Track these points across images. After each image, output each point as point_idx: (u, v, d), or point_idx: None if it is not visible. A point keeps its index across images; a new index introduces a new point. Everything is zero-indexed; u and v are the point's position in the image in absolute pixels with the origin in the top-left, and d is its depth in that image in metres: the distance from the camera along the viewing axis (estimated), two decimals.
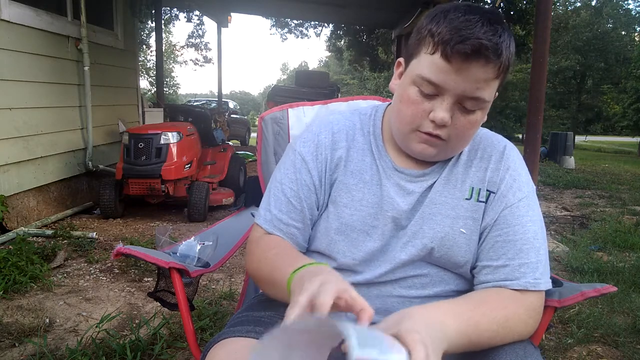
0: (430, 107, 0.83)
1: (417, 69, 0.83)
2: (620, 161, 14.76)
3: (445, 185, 0.93)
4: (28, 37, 3.83)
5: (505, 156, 0.94)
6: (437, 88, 0.81)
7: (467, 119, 0.83)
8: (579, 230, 4.43)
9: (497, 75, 0.80)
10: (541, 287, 0.86)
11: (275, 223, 0.96)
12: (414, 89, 0.84)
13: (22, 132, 3.76)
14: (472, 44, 0.75)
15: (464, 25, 0.77)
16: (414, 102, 0.84)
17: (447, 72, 0.79)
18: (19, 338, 2.04)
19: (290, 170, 0.98)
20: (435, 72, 0.80)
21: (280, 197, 0.97)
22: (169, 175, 4.18)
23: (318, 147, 0.97)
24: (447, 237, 0.91)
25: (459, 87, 0.79)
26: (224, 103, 13.85)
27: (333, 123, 1.01)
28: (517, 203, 0.90)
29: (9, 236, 3.34)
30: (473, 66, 0.77)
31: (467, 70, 0.77)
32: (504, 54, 0.78)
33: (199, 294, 2.57)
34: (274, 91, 7.67)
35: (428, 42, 0.81)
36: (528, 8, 11.49)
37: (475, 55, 0.76)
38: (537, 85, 3.60)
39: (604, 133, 37.04)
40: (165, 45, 23.10)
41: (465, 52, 0.76)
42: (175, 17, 16.12)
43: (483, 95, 0.81)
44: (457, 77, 0.78)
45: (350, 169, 0.96)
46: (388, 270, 0.92)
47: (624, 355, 2.08)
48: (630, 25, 29.22)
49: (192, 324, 1.10)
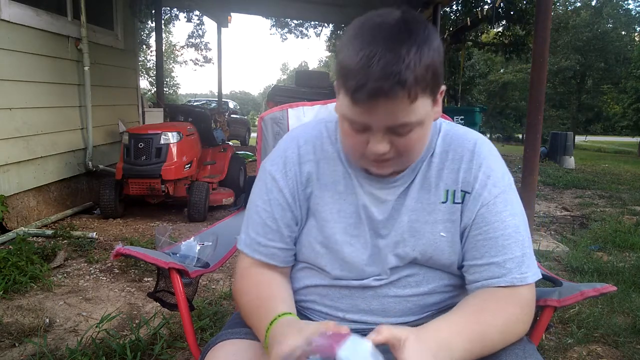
0: (366, 138, 0.82)
1: (341, 107, 0.83)
2: (620, 161, 14.76)
3: (419, 191, 0.92)
4: (28, 37, 3.83)
5: (476, 154, 0.92)
6: (362, 126, 0.80)
7: (406, 139, 0.81)
8: (579, 230, 4.42)
9: (412, 101, 0.76)
10: (529, 281, 0.86)
11: (255, 247, 0.96)
12: (346, 124, 0.83)
13: (22, 132, 3.76)
14: (369, 91, 0.74)
15: (360, 65, 0.74)
16: (350, 135, 0.83)
17: (361, 113, 0.78)
18: (19, 338, 2.04)
19: (263, 191, 0.98)
20: (352, 113, 0.79)
21: (256, 219, 0.97)
22: (169, 175, 4.18)
23: (286, 164, 0.97)
24: (429, 243, 0.91)
25: (378, 123, 0.78)
26: (224, 103, 13.86)
27: (299, 137, 1.00)
28: (493, 200, 0.89)
29: (9, 236, 3.34)
30: (381, 104, 0.75)
31: (377, 109, 0.76)
32: (409, 79, 0.73)
33: (198, 294, 2.57)
34: (273, 91, 7.66)
35: (339, 78, 0.80)
36: (528, 8, 11.50)
37: (377, 96, 0.74)
38: (537, 85, 3.59)
39: (604, 133, 37.04)
40: (165, 45, 23.10)
41: (365, 96, 0.75)
42: (175, 17, 16.13)
43: (408, 120, 0.78)
44: (371, 116, 0.78)
45: (324, 181, 0.95)
46: (379, 275, 0.93)
47: (624, 355, 2.08)
48: (630, 25, 29.23)
49: (192, 324, 1.10)
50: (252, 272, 0.96)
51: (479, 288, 0.88)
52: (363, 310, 0.94)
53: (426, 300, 0.94)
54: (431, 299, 0.94)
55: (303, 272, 0.99)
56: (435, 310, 0.96)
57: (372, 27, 0.77)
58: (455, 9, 13.32)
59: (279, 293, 0.93)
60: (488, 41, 15.70)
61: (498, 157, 0.95)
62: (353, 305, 0.94)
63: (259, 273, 0.96)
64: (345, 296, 0.95)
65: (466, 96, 18.90)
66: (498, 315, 0.82)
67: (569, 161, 10.55)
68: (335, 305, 0.96)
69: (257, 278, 0.95)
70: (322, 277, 0.97)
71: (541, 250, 3.49)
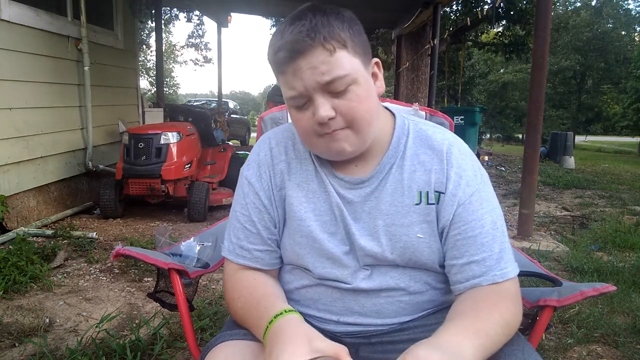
0: (311, 113, 0.85)
1: (284, 95, 0.88)
2: (620, 161, 14.77)
3: (392, 194, 0.92)
4: (28, 37, 3.83)
5: (447, 153, 0.93)
6: (301, 97, 0.84)
7: (346, 100, 0.83)
8: (579, 230, 4.42)
9: (332, 51, 0.81)
10: (509, 276, 0.87)
11: (238, 251, 0.97)
12: (293, 110, 0.88)
13: (22, 132, 3.76)
14: (286, 49, 0.81)
15: (278, 38, 0.83)
16: (299, 118, 0.87)
17: (291, 80, 0.83)
18: (19, 338, 2.04)
19: (240, 196, 0.99)
20: (287, 87, 0.85)
21: (236, 224, 0.98)
22: (169, 175, 4.18)
23: (260, 167, 0.98)
24: (406, 245, 0.91)
25: (308, 84, 0.82)
26: (224, 103, 13.85)
27: (270, 138, 1.02)
28: (469, 199, 0.90)
29: (9, 236, 3.34)
30: (301, 61, 0.81)
31: (300, 69, 0.81)
32: (320, 33, 0.80)
33: (198, 294, 2.57)
34: (273, 91, 7.65)
35: (274, 70, 0.88)
36: (528, 8, 11.50)
37: (293, 54, 0.81)
38: (537, 85, 3.59)
39: (604, 133, 37.04)
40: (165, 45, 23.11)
41: (285, 58, 0.82)
42: (175, 17, 16.13)
43: (337, 74, 0.81)
44: (300, 77, 0.82)
45: (296, 181, 0.96)
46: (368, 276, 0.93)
47: (624, 355, 2.08)
48: (630, 25, 29.24)
49: (192, 324, 1.10)
50: (241, 277, 0.96)
51: (462, 290, 0.89)
52: (357, 313, 0.94)
53: (418, 299, 0.95)
54: (423, 298, 0.95)
55: (292, 274, 0.99)
56: (431, 310, 0.96)
57: (288, 20, 0.85)
58: (455, 9, 13.31)
59: (273, 291, 0.93)
60: (488, 41, 15.69)
61: (469, 154, 0.95)
62: (346, 308, 0.94)
63: (248, 276, 0.96)
64: (338, 299, 0.95)
65: (466, 96, 18.91)
66: (495, 311, 0.82)
67: (569, 161, 10.55)
68: (329, 309, 0.96)
69: (247, 281, 0.95)
70: (310, 277, 0.97)
71: (541, 250, 3.49)
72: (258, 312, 0.87)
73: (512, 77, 27.06)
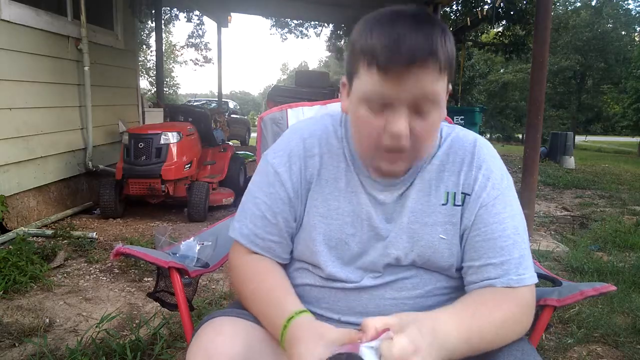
0: (384, 120, 0.81)
1: (360, 88, 0.82)
2: (620, 161, 14.76)
3: (419, 192, 0.92)
4: (28, 37, 3.83)
5: (476, 155, 0.93)
6: (385, 101, 0.79)
7: (424, 123, 0.81)
8: (579, 230, 4.42)
9: (440, 72, 0.78)
10: (526, 282, 0.86)
11: (252, 238, 0.95)
12: (363, 108, 0.82)
13: (22, 132, 3.76)
14: (406, 53, 0.75)
15: (394, 35, 0.76)
16: (368, 120, 0.82)
17: (389, 85, 0.78)
18: (19, 338, 2.04)
19: (264, 183, 0.96)
20: (378, 87, 0.78)
21: (255, 211, 0.96)
22: (169, 175, 4.18)
23: (291, 157, 0.95)
24: (428, 244, 0.91)
25: (405, 96, 0.78)
26: (224, 103, 13.86)
27: (303, 129, 0.99)
28: (492, 201, 0.90)
29: (9, 236, 3.34)
30: (412, 72, 0.76)
31: (407, 78, 0.77)
32: (440, 52, 0.77)
33: (199, 294, 2.57)
34: (273, 91, 7.66)
35: (363, 59, 0.80)
36: (528, 8, 11.51)
37: (411, 63, 0.76)
38: (537, 85, 3.59)
39: (604, 133, 37.03)
40: (165, 45, 23.09)
41: (398, 61, 0.76)
42: (175, 17, 16.13)
43: (433, 91, 0.79)
44: (400, 87, 0.77)
45: (325, 177, 0.95)
46: (376, 276, 0.93)
47: (624, 355, 2.08)
48: (630, 25, 29.24)
49: (192, 324, 1.10)
50: (250, 260, 0.96)
51: (476, 289, 0.88)
52: (359, 313, 0.93)
53: (423, 303, 0.94)
54: (428, 302, 0.94)
55: (298, 272, 0.99)
56: None
57: (393, 14, 0.79)
58: (455, 9, 13.32)
59: (283, 282, 0.93)
60: (488, 41, 15.71)
61: (497, 158, 0.95)
62: (349, 307, 0.94)
63: (259, 261, 0.95)
64: (341, 299, 0.94)
65: (466, 96, 18.90)
66: (495, 312, 0.82)
67: (569, 161, 10.55)
68: (331, 308, 0.95)
69: (258, 267, 0.94)
70: (315, 277, 0.96)
71: (541, 250, 3.49)
72: (269, 306, 0.87)
73: (512, 77, 27.05)
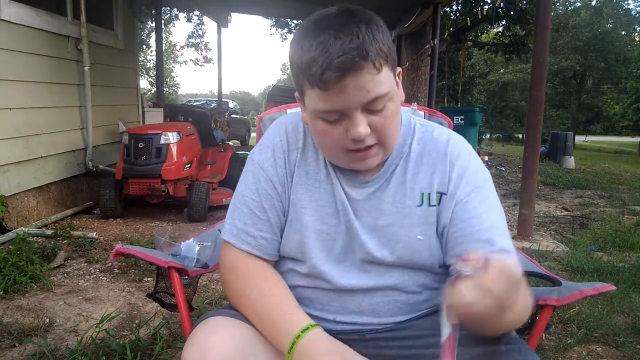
0: (344, 128, 0.83)
1: (311, 105, 0.84)
2: (620, 161, 14.76)
3: (395, 195, 0.92)
4: (28, 37, 3.83)
5: (450, 154, 0.93)
6: (336, 112, 0.81)
7: (382, 117, 0.83)
8: (579, 230, 4.42)
9: (378, 69, 0.79)
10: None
11: (242, 237, 0.95)
12: (320, 122, 0.84)
13: (22, 132, 3.76)
14: (336, 69, 0.76)
15: (320, 47, 0.77)
16: (327, 132, 0.85)
17: (334, 99, 0.79)
18: (19, 338, 2.04)
19: (250, 181, 0.97)
20: (324, 102, 0.81)
21: (244, 209, 0.96)
22: (169, 175, 4.18)
23: (275, 152, 0.97)
24: (406, 246, 0.91)
25: (352, 103, 0.80)
26: (224, 103, 13.85)
27: (287, 123, 1.00)
28: (466, 197, 0.90)
29: (9, 236, 3.34)
30: (349, 80, 0.77)
31: (347, 88, 0.78)
32: (370, 51, 0.77)
33: (198, 294, 2.57)
34: (273, 91, 7.68)
35: (303, 79, 0.82)
36: (528, 8, 11.50)
37: (345, 75, 0.77)
38: (537, 85, 3.59)
39: (604, 133, 37.03)
40: (165, 45, 23.09)
41: (334, 77, 0.76)
42: (175, 17, 16.12)
43: (380, 92, 0.80)
44: (344, 97, 0.79)
45: (306, 169, 0.96)
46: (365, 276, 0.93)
47: (624, 355, 2.08)
48: (630, 25, 29.24)
49: (192, 324, 1.10)
50: (251, 267, 0.94)
51: None
52: (353, 312, 0.94)
53: (415, 299, 0.94)
54: (419, 297, 0.95)
55: (288, 274, 0.98)
56: (426, 310, 0.96)
57: (316, 22, 0.80)
58: (455, 9, 13.31)
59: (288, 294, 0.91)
60: (488, 41, 15.70)
61: (472, 154, 0.96)
62: (343, 307, 0.94)
63: (259, 267, 0.94)
64: (334, 299, 0.94)
65: (466, 96, 18.90)
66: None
67: (569, 161, 10.54)
68: (326, 308, 0.95)
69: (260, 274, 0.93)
70: (306, 279, 0.96)
71: (541, 250, 3.49)
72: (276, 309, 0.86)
73: (512, 77, 27.06)
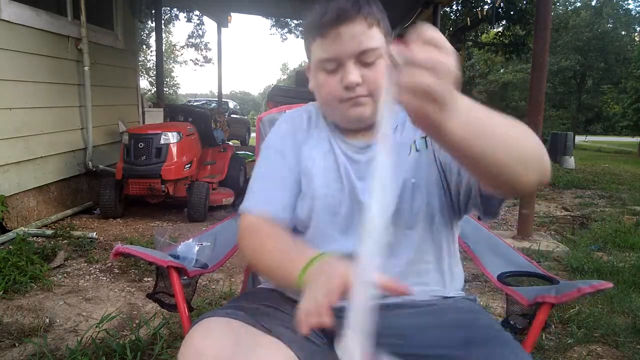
0: (339, 77, 0.93)
1: (314, 58, 0.98)
2: (620, 161, 14.74)
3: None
4: (28, 37, 3.83)
5: None
6: (334, 61, 0.93)
7: (373, 71, 0.92)
8: (579, 230, 4.42)
9: (370, 27, 0.91)
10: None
11: (263, 200, 1.00)
12: (321, 73, 0.96)
13: (22, 132, 3.76)
14: (334, 14, 0.90)
15: (322, 8, 0.92)
16: (326, 82, 0.96)
17: (330, 45, 0.92)
18: (19, 338, 2.04)
19: (264, 163, 1.06)
20: (323, 51, 0.94)
21: (260, 185, 1.03)
22: (169, 175, 4.18)
23: (284, 137, 1.07)
24: (404, 193, 0.95)
25: (345, 50, 0.91)
26: (224, 103, 13.86)
27: (292, 112, 1.14)
28: None
29: (9, 236, 3.34)
30: (342, 29, 0.90)
31: (342, 35, 0.90)
32: (364, 10, 0.91)
33: (198, 294, 2.57)
34: (273, 91, 7.65)
35: (309, 36, 0.97)
36: (528, 8, 11.51)
37: (338, 20, 0.90)
38: (537, 85, 3.59)
39: (604, 133, 36.99)
40: (165, 45, 23.10)
41: (330, 22, 0.90)
42: (175, 17, 16.14)
43: (370, 45, 0.91)
44: (339, 44, 0.91)
45: (311, 143, 1.05)
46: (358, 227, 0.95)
47: (624, 355, 2.08)
48: (630, 25, 29.24)
49: (191, 324, 1.10)
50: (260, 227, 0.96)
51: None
52: None
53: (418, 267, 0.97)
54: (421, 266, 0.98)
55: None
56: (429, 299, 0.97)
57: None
58: (455, 9, 13.32)
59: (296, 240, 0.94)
60: (488, 41, 15.71)
61: None
62: None
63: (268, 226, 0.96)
64: None
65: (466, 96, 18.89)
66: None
67: (569, 161, 10.54)
68: None
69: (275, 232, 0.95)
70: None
71: (541, 250, 3.49)
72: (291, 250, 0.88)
73: (512, 77, 27.04)
